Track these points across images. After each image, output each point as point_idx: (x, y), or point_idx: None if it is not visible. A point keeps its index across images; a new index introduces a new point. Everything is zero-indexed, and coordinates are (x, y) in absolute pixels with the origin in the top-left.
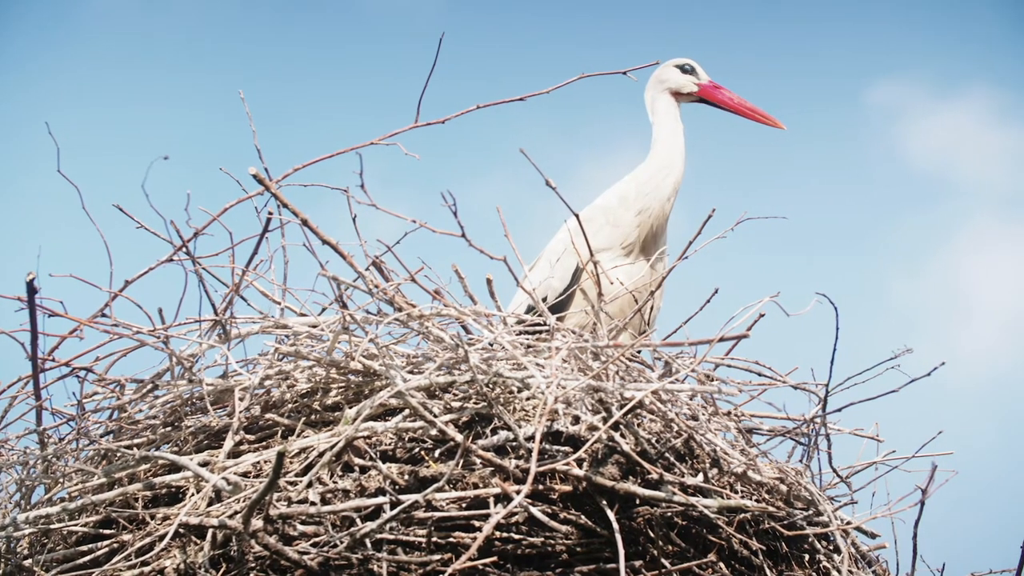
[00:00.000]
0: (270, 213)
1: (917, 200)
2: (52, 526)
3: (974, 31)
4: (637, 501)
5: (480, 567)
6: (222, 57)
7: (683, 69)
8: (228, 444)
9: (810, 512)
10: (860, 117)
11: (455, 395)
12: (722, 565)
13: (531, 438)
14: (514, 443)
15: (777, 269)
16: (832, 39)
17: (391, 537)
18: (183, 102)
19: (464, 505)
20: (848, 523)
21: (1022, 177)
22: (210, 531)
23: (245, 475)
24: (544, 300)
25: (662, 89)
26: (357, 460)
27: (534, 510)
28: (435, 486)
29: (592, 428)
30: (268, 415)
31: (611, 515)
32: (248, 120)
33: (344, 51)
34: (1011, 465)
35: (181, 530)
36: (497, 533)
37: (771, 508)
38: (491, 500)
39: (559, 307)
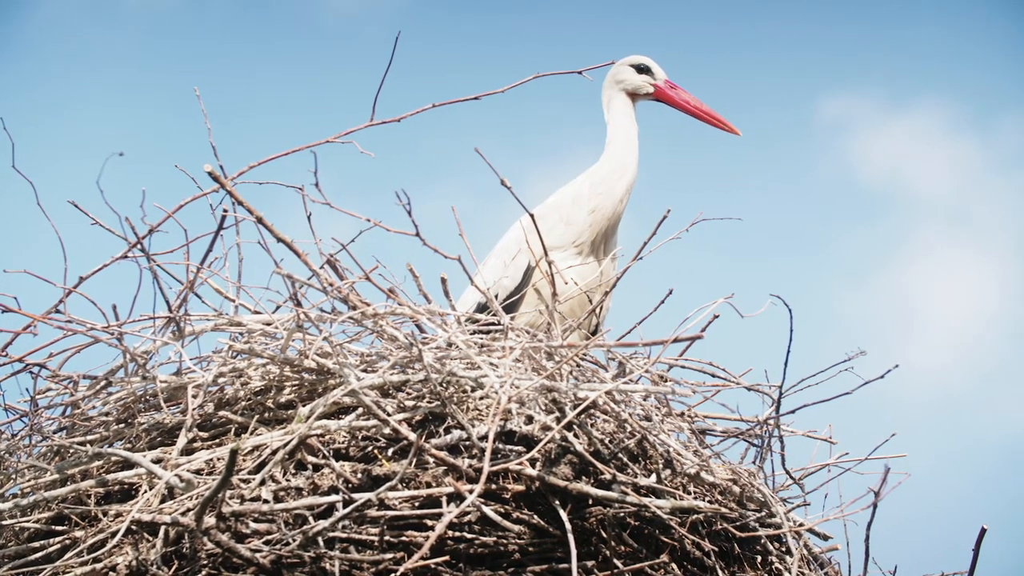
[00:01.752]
0: (225, 210)
1: (865, 213)
2: (4, 522)
3: (923, 46)
4: (590, 501)
5: (432, 566)
6: (178, 55)
7: (639, 69)
8: (181, 441)
9: (763, 513)
10: (811, 129)
11: (409, 394)
12: (674, 566)
13: (484, 437)
14: (467, 442)
15: (732, 271)
16: (783, 53)
17: (344, 535)
18: (138, 99)
19: (417, 504)
20: (801, 525)
21: (969, 191)
22: (163, 528)
23: (198, 472)
24: (496, 298)
25: (618, 89)
26: (310, 458)
27: (487, 509)
28: (388, 485)
29: (545, 428)
30: (221, 413)
31: (564, 515)
32: (203, 117)
33: (300, 49)
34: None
35: (133, 527)
36: (450, 532)
37: (724, 509)
38: (444, 499)
39: (511, 306)
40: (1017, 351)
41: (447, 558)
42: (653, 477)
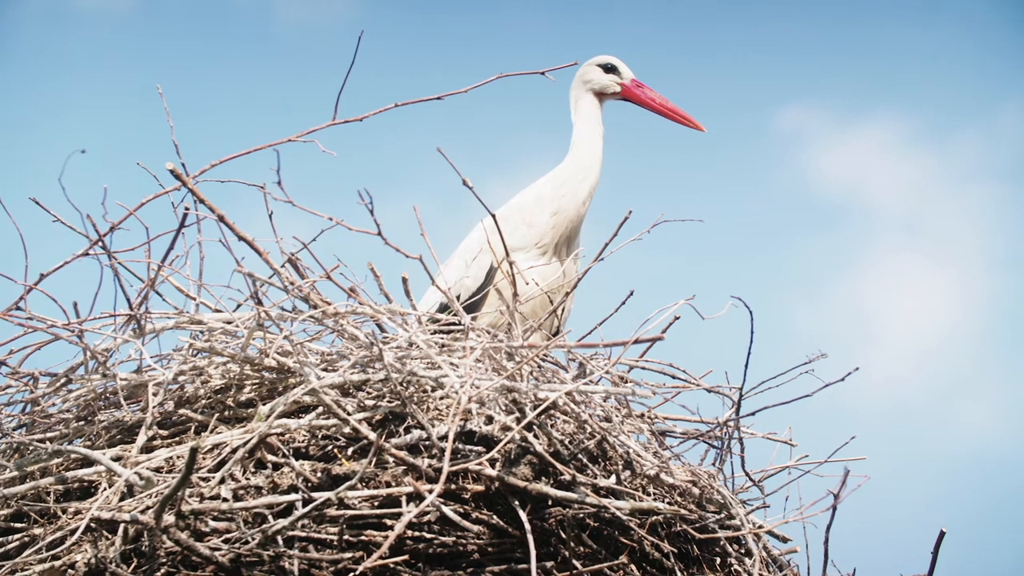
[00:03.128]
0: (187, 209)
1: (821, 223)
2: None
3: (880, 59)
4: (549, 502)
5: (391, 566)
6: (136, 57)
7: (606, 68)
8: (141, 439)
9: (722, 515)
10: (768, 140)
11: (369, 393)
12: (633, 567)
13: (444, 437)
14: (427, 442)
15: (693, 272)
16: (740, 63)
17: (303, 534)
18: (101, 97)
19: (376, 503)
20: (760, 527)
21: (925, 203)
22: (122, 526)
23: (158, 470)
24: (458, 299)
25: (586, 89)
26: (270, 457)
27: (446, 509)
28: (347, 484)
29: (505, 428)
30: (182, 411)
31: (523, 515)
32: (166, 115)
33: (263, 49)
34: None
35: (93, 525)
36: (409, 532)
37: (683, 511)
38: (403, 499)
39: (472, 307)
40: (974, 365)
41: (406, 558)
42: (613, 478)
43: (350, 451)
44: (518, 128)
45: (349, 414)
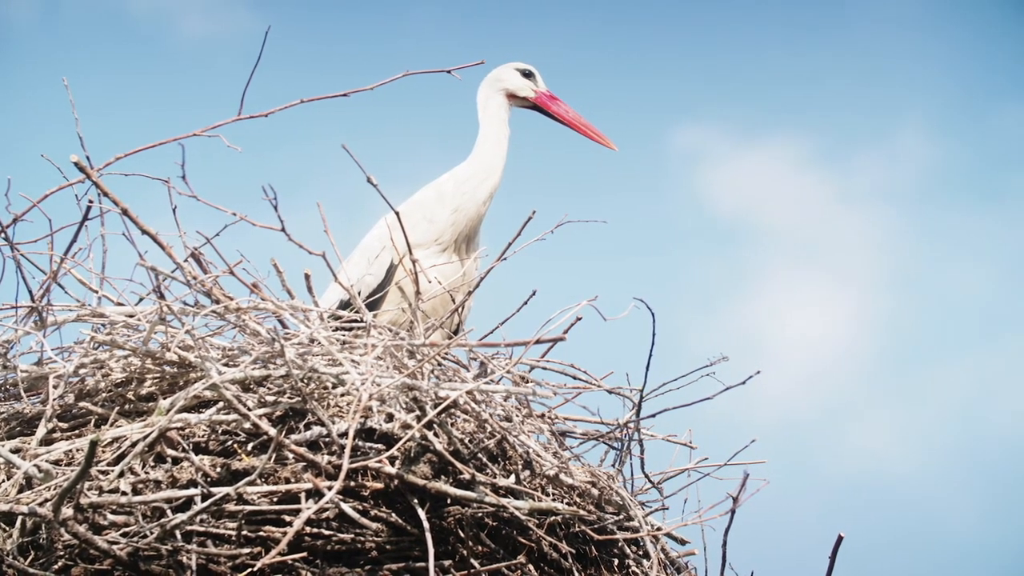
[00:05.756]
0: (90, 201)
1: (715, 243)
2: None
3: (777, 82)
4: (448, 501)
5: (290, 562)
6: (46, 45)
7: (523, 73)
8: (41, 431)
9: (621, 517)
10: (663, 159)
11: (270, 389)
12: (531, 567)
13: (344, 434)
14: (327, 439)
15: (597, 274)
16: (636, 81)
17: (201, 529)
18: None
19: (275, 499)
20: (659, 529)
21: (820, 225)
22: (19, 518)
23: (57, 463)
24: (360, 295)
25: (498, 88)
26: (170, 451)
27: (345, 506)
28: (247, 480)
29: (406, 426)
30: (82, 404)
31: (422, 514)
32: (71, 108)
33: (170, 43)
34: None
35: None
36: (308, 528)
37: (582, 512)
38: (302, 495)
39: (374, 304)
40: (868, 387)
41: (305, 554)
42: (512, 478)
43: (250, 447)
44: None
45: (250, 409)
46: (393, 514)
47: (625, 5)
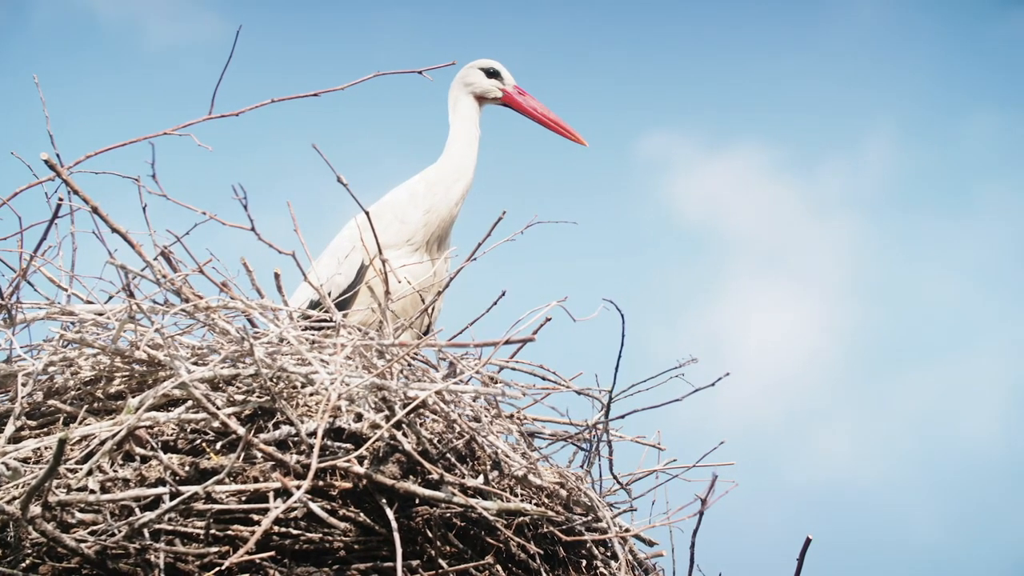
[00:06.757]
0: (60, 199)
1: (680, 250)
2: None
3: (746, 90)
4: (417, 501)
5: (258, 561)
6: (16, 48)
7: (488, 72)
8: (9, 429)
9: (589, 518)
10: (629, 165)
11: (239, 388)
12: (499, 568)
13: (313, 434)
14: (296, 438)
15: (566, 275)
16: (605, 87)
17: (169, 528)
18: None
19: (243, 498)
20: (627, 530)
21: (787, 234)
22: None
23: (25, 461)
24: (330, 295)
25: (466, 91)
26: (138, 450)
27: (313, 506)
28: (215, 478)
29: (374, 426)
30: (51, 401)
31: (390, 514)
32: (42, 106)
33: (139, 48)
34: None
35: None
36: (276, 528)
37: (550, 513)
38: (271, 494)
39: (344, 304)
40: (832, 394)
41: (273, 553)
42: (480, 478)
43: (218, 445)
44: (394, 131)
45: (218, 408)
46: (361, 514)
47: (593, 11)
